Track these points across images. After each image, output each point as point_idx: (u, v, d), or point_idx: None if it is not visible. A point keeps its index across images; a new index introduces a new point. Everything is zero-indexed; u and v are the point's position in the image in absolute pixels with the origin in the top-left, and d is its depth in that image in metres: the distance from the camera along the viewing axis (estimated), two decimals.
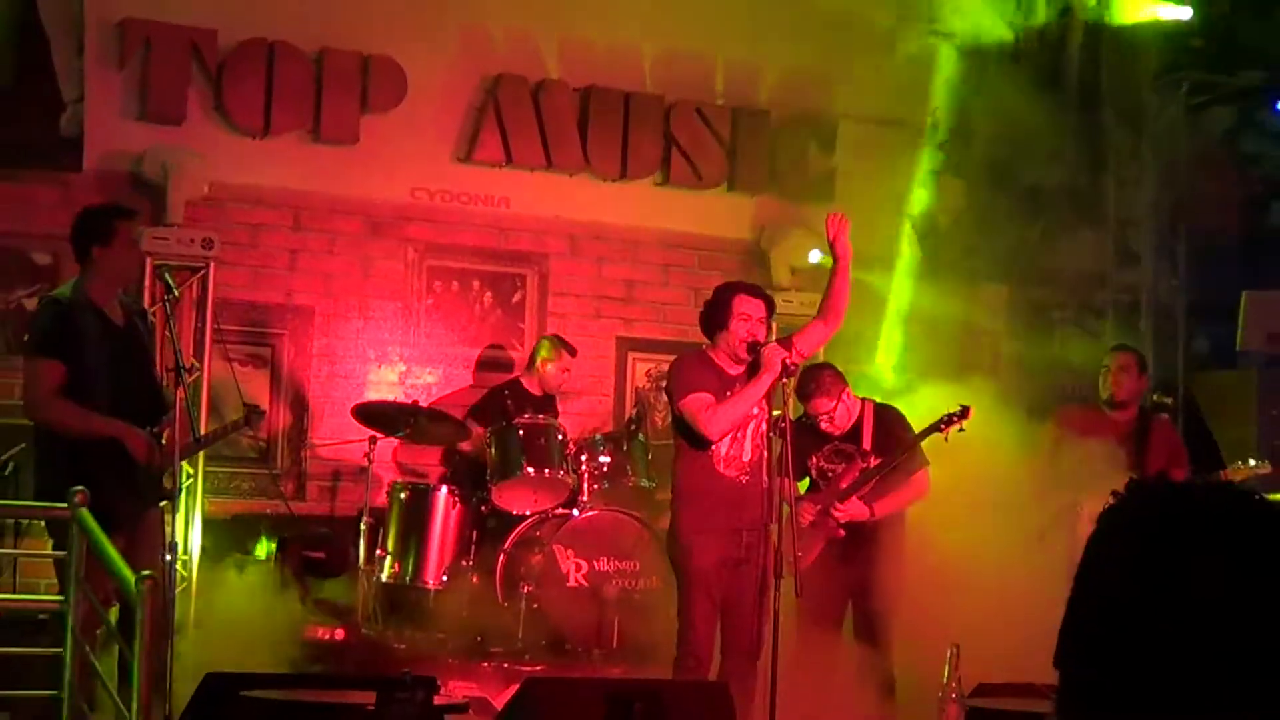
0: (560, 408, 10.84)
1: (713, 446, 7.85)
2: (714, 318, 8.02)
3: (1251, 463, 9.51)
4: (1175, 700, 1.86)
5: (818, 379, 8.34)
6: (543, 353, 10.81)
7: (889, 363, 11.74)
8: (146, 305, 8.97)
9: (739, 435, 7.90)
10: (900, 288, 11.91)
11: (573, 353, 10.86)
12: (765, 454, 7.83)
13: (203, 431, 8.98)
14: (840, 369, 8.67)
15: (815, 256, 11.72)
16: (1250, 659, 1.86)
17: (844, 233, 8.02)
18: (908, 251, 12.03)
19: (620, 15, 11.78)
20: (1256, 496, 1.94)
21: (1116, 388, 9.50)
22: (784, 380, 7.64)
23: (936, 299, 11.61)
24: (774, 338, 7.95)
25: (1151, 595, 1.88)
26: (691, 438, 7.87)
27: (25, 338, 7.98)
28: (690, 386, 7.88)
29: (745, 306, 7.91)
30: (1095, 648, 1.92)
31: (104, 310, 7.51)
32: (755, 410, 7.87)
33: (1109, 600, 1.92)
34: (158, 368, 8.06)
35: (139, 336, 7.68)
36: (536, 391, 10.70)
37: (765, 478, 7.80)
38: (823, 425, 8.38)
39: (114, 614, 6.92)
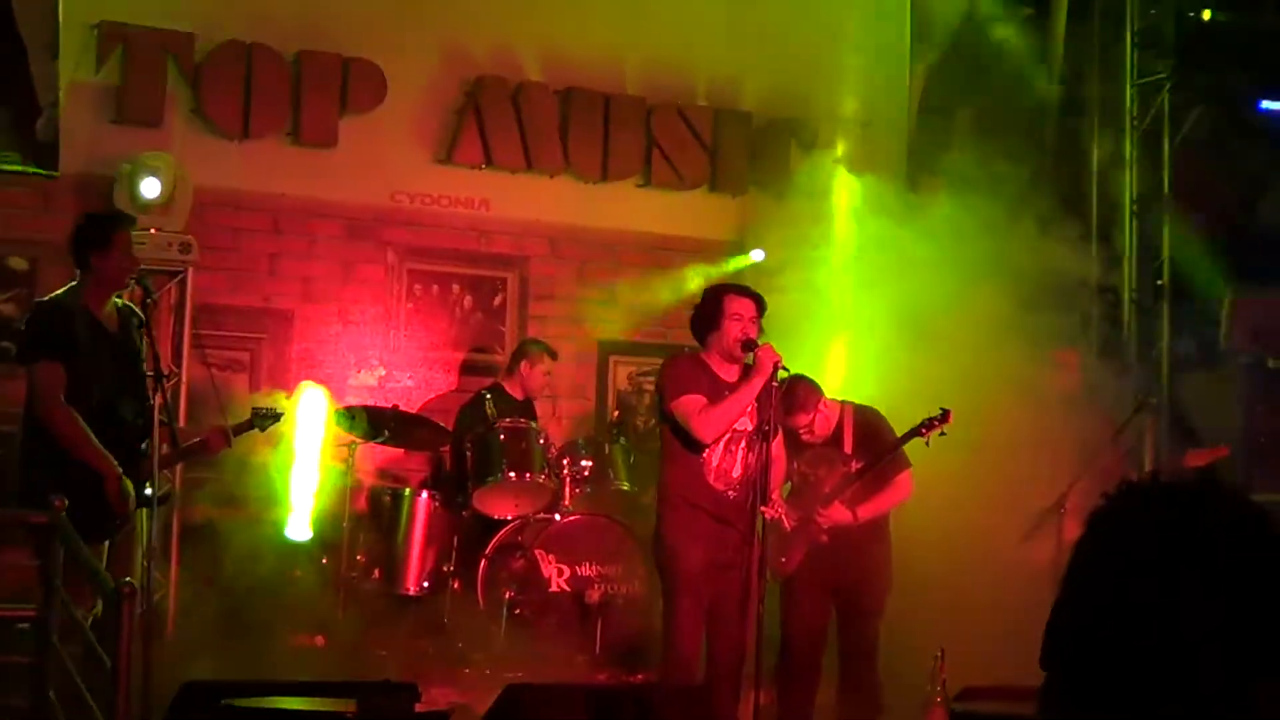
0: (539, 412, 10.85)
1: (704, 455, 7.85)
2: (705, 320, 8.02)
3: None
4: (1160, 702, 1.87)
5: (793, 394, 8.20)
6: (524, 357, 10.81)
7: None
8: None
9: (731, 449, 7.90)
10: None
11: (554, 356, 10.86)
12: (754, 472, 7.84)
13: (179, 435, 8.89)
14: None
15: (759, 255, 11.82)
16: (1240, 658, 1.87)
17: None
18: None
19: (601, 17, 11.80)
20: (1243, 498, 1.96)
21: None
22: (774, 382, 7.65)
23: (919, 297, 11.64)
24: (765, 337, 7.93)
25: (1139, 598, 1.91)
26: (684, 439, 7.86)
27: (20, 341, 7.95)
28: (683, 388, 7.88)
29: (736, 307, 7.91)
30: (1081, 649, 1.95)
31: (98, 317, 7.57)
32: (748, 425, 7.87)
33: (1096, 601, 1.95)
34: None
35: (132, 344, 7.69)
36: (518, 396, 10.70)
37: (751, 494, 7.81)
38: (803, 437, 8.37)
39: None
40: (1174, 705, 1.87)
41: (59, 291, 7.82)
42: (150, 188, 10.01)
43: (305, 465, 10.10)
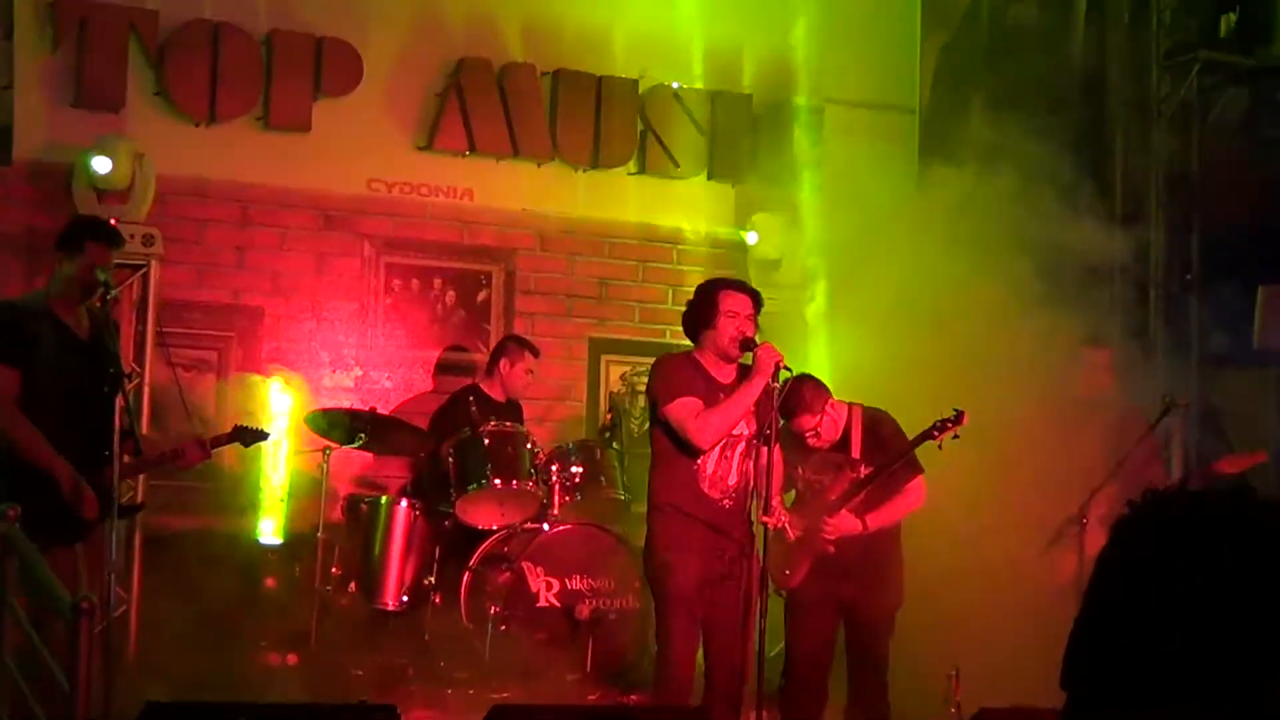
0: (526, 414, 10.81)
1: (698, 462, 7.83)
2: (698, 317, 8.00)
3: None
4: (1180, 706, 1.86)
5: (799, 395, 8.15)
6: (503, 355, 10.78)
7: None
8: None
9: (726, 454, 7.88)
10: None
11: (536, 353, 10.84)
12: (751, 479, 7.79)
13: (144, 442, 8.88)
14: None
15: (753, 238, 11.79)
16: (1262, 660, 1.86)
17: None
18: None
19: None
20: (1275, 506, 1.94)
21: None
22: (775, 383, 7.60)
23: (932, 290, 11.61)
24: (761, 335, 7.91)
25: (1167, 613, 1.90)
26: (677, 444, 7.82)
27: None
28: (677, 390, 7.85)
29: (731, 303, 7.89)
30: (1105, 667, 1.94)
31: (64, 320, 7.67)
32: (745, 429, 7.83)
33: (1121, 617, 1.94)
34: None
35: (104, 351, 7.65)
36: (499, 397, 10.66)
37: (748, 503, 7.78)
38: (809, 441, 8.31)
39: None
40: (1192, 708, 1.86)
41: (28, 293, 7.87)
42: (101, 164, 9.98)
43: (275, 463, 10.09)
